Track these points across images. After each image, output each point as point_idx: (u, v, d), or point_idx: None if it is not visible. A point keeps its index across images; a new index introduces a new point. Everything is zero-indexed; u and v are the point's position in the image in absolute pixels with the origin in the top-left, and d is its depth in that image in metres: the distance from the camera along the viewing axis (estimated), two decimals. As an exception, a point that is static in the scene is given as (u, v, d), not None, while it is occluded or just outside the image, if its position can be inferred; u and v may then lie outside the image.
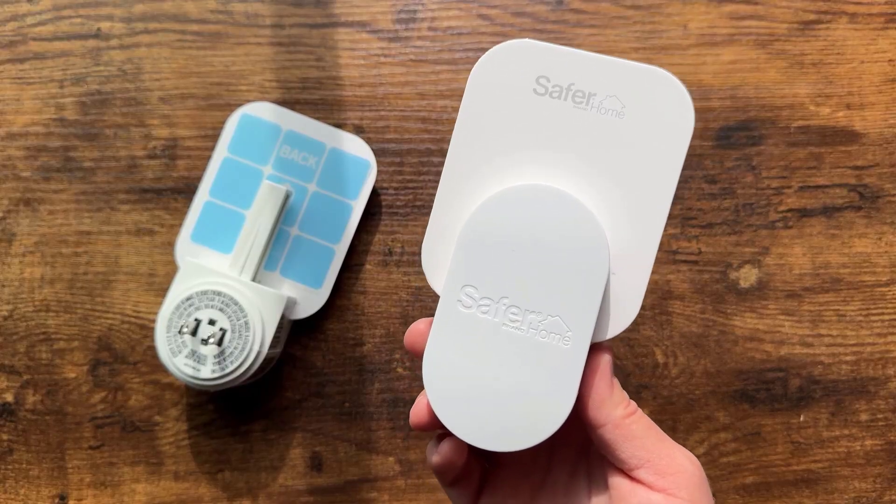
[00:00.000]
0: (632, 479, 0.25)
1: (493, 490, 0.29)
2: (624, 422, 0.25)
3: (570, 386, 0.24)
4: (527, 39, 0.26)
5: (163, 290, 0.41)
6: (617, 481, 0.25)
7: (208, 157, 0.41)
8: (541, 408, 0.24)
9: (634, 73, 0.25)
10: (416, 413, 0.26)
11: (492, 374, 0.25)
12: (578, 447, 0.29)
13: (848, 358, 0.40)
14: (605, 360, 0.25)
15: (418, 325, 0.26)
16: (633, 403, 0.25)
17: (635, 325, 0.40)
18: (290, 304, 0.38)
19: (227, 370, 0.36)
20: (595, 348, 0.25)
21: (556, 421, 0.24)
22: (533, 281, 0.25)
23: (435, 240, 0.26)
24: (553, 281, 0.25)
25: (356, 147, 0.40)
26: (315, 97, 0.42)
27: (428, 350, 0.25)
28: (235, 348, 0.36)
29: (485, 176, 0.26)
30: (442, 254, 0.26)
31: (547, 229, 0.25)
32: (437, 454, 0.26)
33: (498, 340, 0.25)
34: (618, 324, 0.25)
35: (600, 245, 0.24)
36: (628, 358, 0.40)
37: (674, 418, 0.40)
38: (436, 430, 0.26)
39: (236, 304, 0.36)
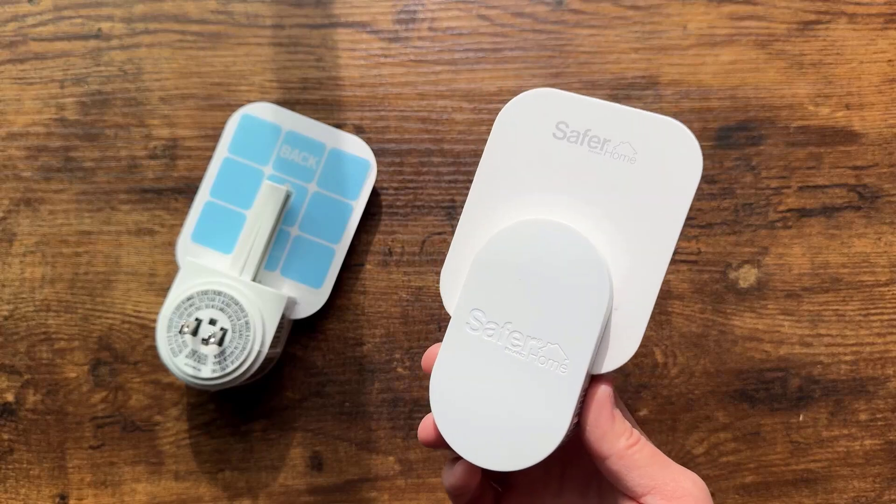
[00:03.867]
0: None
1: None
2: (627, 452, 0.25)
3: (565, 412, 0.25)
4: (550, 89, 0.28)
5: (163, 290, 0.41)
6: None
7: (209, 158, 0.41)
8: (536, 431, 0.25)
9: (648, 122, 0.26)
10: (424, 429, 0.27)
11: (493, 395, 0.26)
12: (589, 470, 0.29)
13: (847, 358, 0.40)
14: (605, 393, 0.26)
15: (435, 350, 0.28)
16: (636, 432, 0.26)
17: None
18: (291, 304, 0.38)
19: (228, 370, 0.36)
20: (596, 380, 0.26)
21: (549, 445, 0.25)
22: (536, 309, 0.26)
23: (453, 265, 0.28)
24: (555, 311, 0.26)
25: (356, 147, 0.40)
26: (315, 97, 0.42)
27: (435, 369, 0.27)
28: (236, 348, 0.36)
29: (503, 210, 0.28)
30: (458, 278, 0.28)
31: (553, 262, 0.26)
32: (452, 475, 0.27)
33: (500, 363, 0.26)
34: (617, 357, 0.26)
35: (602, 280, 0.26)
36: (628, 358, 0.40)
37: (673, 418, 0.40)
38: (441, 447, 0.27)
39: (237, 303, 0.36)
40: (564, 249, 0.26)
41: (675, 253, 0.30)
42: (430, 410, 0.30)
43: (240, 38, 0.42)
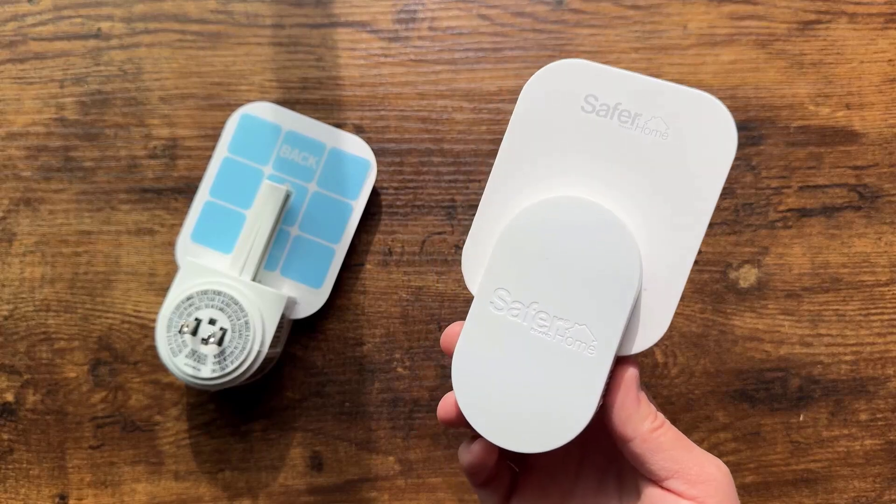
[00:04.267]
0: (663, 488, 0.25)
1: (522, 493, 0.29)
2: (651, 435, 0.25)
3: (592, 394, 0.25)
4: (579, 59, 0.27)
5: (163, 290, 0.41)
6: (648, 490, 0.25)
7: (208, 157, 0.41)
8: (562, 413, 0.25)
9: (681, 96, 0.26)
10: (444, 408, 0.27)
11: (517, 376, 0.26)
12: (608, 453, 0.29)
13: (847, 358, 0.40)
14: (631, 375, 0.26)
15: (454, 328, 0.27)
16: (661, 416, 0.26)
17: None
18: (290, 303, 0.38)
19: (228, 370, 0.36)
20: (622, 362, 0.26)
21: (575, 427, 0.25)
22: (563, 289, 0.25)
23: (476, 243, 0.28)
24: (583, 291, 0.25)
25: (356, 147, 0.40)
26: (315, 97, 0.42)
27: (458, 348, 0.26)
28: (236, 348, 0.36)
29: (528, 186, 0.27)
30: (481, 257, 0.27)
31: (582, 240, 0.25)
32: (469, 453, 0.27)
33: (525, 344, 0.26)
34: (645, 339, 0.26)
35: (632, 260, 0.25)
36: (628, 358, 0.40)
37: (673, 418, 0.40)
38: (461, 426, 0.27)
39: (236, 303, 0.36)
40: (593, 227, 0.25)
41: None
42: (430, 410, 0.30)
43: (240, 37, 0.42)
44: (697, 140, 0.25)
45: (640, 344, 0.26)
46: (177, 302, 0.36)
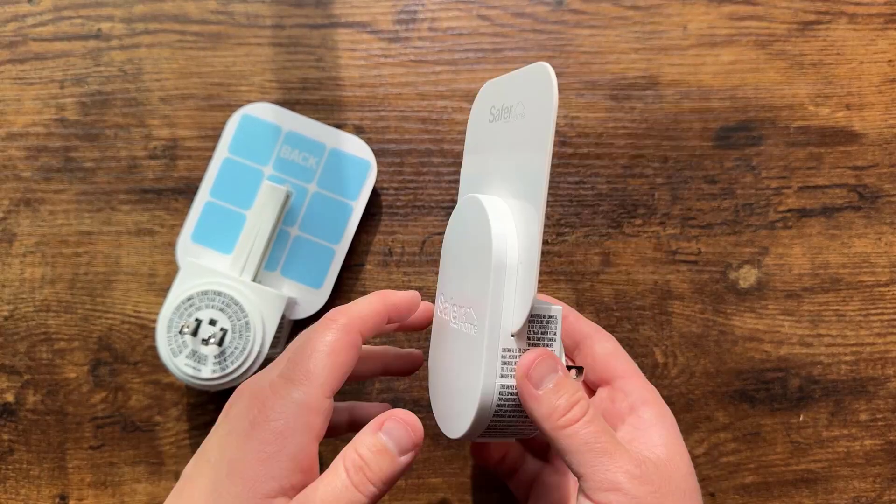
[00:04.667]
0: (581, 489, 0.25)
1: (539, 486, 0.33)
2: (558, 434, 0.24)
3: (478, 373, 0.26)
4: (489, 81, 0.30)
5: (163, 291, 0.41)
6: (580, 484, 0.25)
7: (209, 158, 0.41)
8: (467, 397, 0.26)
9: (523, 76, 0.27)
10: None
11: (447, 366, 0.29)
12: None
13: (847, 358, 0.40)
14: (523, 371, 0.25)
15: None
16: (574, 411, 0.24)
17: (634, 324, 0.40)
18: (291, 304, 0.38)
19: (228, 370, 0.36)
20: (529, 353, 0.25)
21: (471, 409, 0.26)
22: (459, 279, 0.29)
23: None
24: (467, 277, 0.28)
25: (356, 147, 0.40)
26: (315, 97, 0.42)
27: (429, 353, 0.30)
28: (236, 348, 0.36)
29: (465, 193, 0.31)
30: None
31: (465, 232, 0.29)
32: (472, 447, 0.32)
33: (449, 336, 0.29)
34: (521, 310, 0.26)
35: (485, 235, 0.27)
36: (628, 358, 0.40)
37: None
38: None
39: (237, 304, 0.36)
40: (471, 219, 0.28)
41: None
42: (430, 410, 0.31)
43: (240, 38, 0.42)
44: (535, 110, 0.26)
45: (518, 317, 0.25)
46: (177, 302, 0.36)
